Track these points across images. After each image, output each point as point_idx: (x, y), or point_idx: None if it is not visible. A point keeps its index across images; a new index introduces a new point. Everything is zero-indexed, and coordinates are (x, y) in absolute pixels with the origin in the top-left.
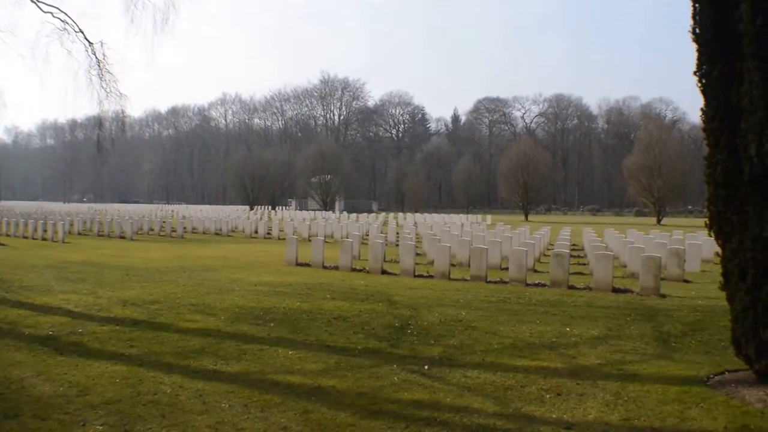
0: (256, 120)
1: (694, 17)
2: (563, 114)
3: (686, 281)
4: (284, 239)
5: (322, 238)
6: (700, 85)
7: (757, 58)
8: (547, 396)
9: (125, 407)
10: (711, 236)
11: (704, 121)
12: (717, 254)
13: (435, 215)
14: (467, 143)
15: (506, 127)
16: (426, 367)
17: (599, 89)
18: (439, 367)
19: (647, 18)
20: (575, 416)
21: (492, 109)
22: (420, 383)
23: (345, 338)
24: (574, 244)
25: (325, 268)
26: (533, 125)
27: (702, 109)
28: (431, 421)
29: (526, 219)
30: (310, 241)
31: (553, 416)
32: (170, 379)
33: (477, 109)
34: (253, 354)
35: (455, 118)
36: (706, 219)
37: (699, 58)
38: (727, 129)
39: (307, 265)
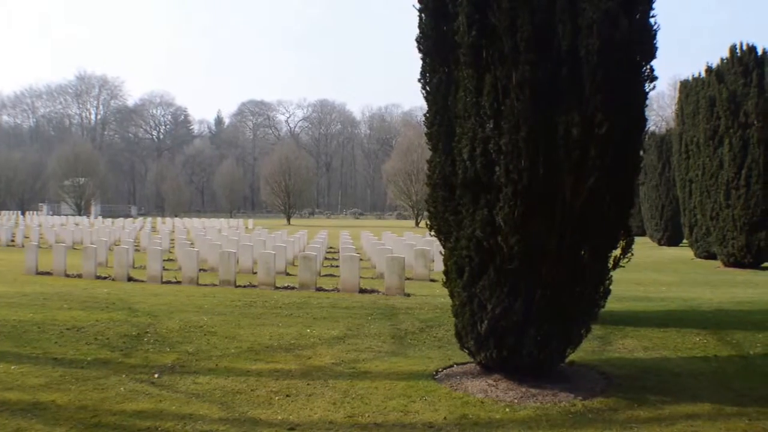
0: (5, 117)
1: (419, 27)
2: (327, 119)
3: (433, 280)
4: None
5: (65, 245)
6: (423, 92)
7: (471, 67)
8: (276, 398)
9: None
10: (432, 236)
11: (426, 126)
12: None
13: (196, 220)
14: (230, 146)
15: (270, 131)
16: (156, 375)
17: (363, 96)
18: (171, 375)
19: (407, 29)
20: (301, 416)
21: (256, 112)
22: (147, 392)
23: (75, 350)
24: (330, 247)
25: (68, 276)
26: (297, 129)
27: (425, 115)
28: (153, 430)
29: (289, 223)
30: None
31: (279, 418)
32: None
33: (241, 112)
34: None
35: (219, 121)
36: (427, 220)
37: (423, 66)
38: (445, 134)
39: (48, 273)
